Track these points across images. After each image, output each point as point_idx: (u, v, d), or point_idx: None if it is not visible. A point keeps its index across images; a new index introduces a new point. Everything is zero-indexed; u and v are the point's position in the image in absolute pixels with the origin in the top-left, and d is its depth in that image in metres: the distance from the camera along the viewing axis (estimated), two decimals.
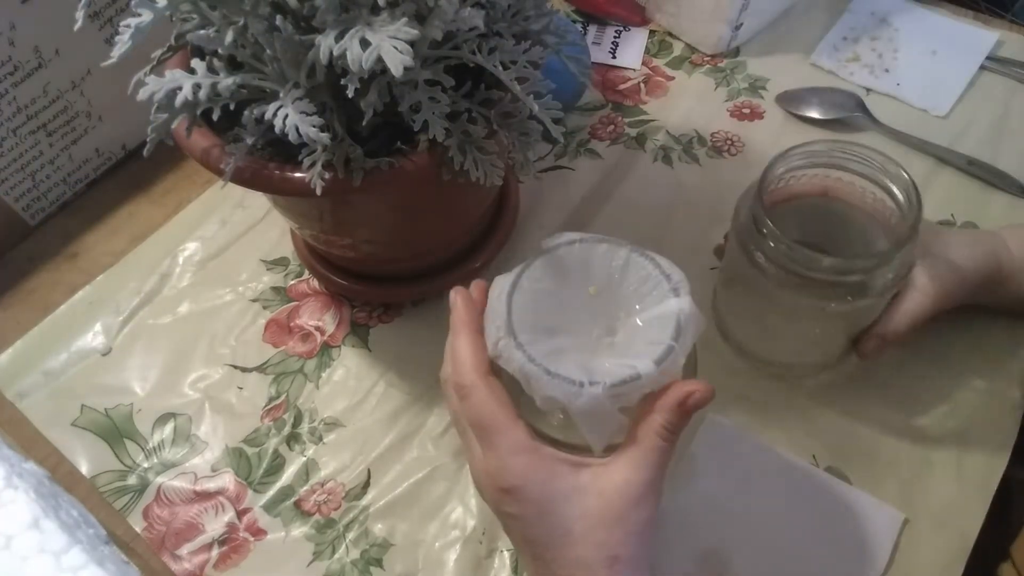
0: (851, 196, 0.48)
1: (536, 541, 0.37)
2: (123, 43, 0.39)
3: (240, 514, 0.51)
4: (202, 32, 0.39)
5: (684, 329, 0.38)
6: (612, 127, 0.67)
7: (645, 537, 0.37)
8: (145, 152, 0.43)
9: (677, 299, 0.39)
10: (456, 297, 0.41)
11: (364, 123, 0.40)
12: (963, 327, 0.54)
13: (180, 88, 0.39)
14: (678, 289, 0.40)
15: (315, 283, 0.60)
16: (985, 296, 0.51)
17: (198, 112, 0.42)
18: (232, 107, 0.41)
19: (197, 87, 0.39)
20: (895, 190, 0.46)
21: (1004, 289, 0.50)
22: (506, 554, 0.48)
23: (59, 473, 0.52)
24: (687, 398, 0.37)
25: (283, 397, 0.55)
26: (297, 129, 0.37)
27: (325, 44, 0.36)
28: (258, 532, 0.50)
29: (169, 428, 0.54)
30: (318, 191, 0.41)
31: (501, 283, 0.41)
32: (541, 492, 0.36)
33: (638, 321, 0.40)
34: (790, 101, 0.68)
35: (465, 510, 0.50)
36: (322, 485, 0.51)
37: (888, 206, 0.46)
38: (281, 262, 0.62)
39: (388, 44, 0.34)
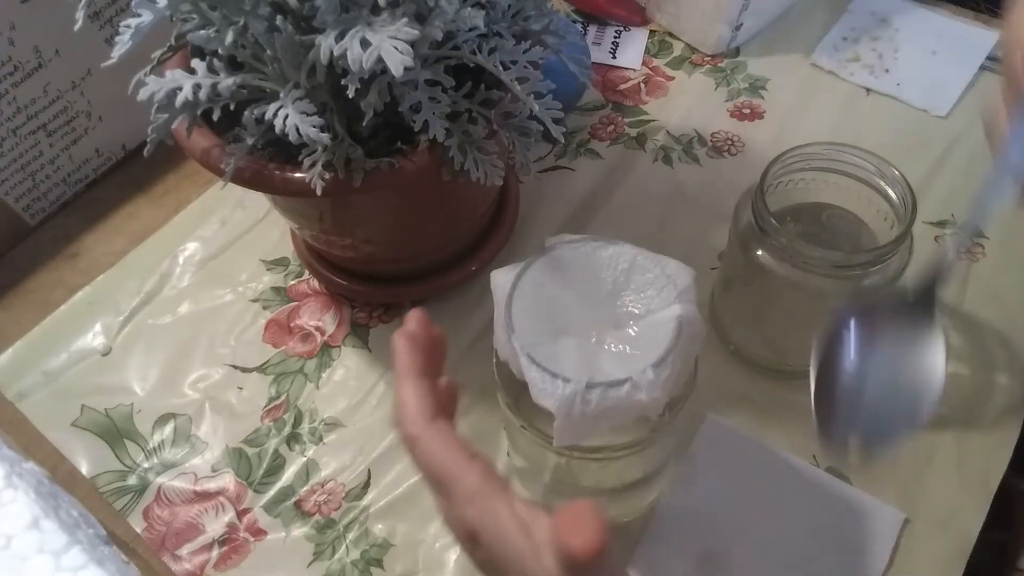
0: (846, 198, 0.48)
1: None
2: (123, 43, 0.39)
3: (240, 514, 0.51)
4: (202, 32, 0.39)
5: (683, 336, 0.38)
6: (612, 127, 0.67)
7: None
8: (145, 152, 0.43)
9: (680, 305, 0.39)
10: (397, 340, 0.36)
11: (364, 123, 0.40)
12: (963, 326, 0.54)
13: (180, 88, 0.39)
14: (682, 295, 0.39)
15: (315, 283, 0.60)
16: None
17: (198, 112, 0.42)
18: (232, 107, 0.41)
19: (197, 87, 0.39)
20: (890, 192, 0.46)
21: None
22: None
23: (59, 473, 0.52)
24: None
25: (283, 397, 0.55)
26: (297, 129, 0.37)
27: (325, 44, 0.36)
28: (258, 532, 0.50)
29: (169, 428, 0.54)
30: (318, 191, 0.41)
31: (500, 280, 0.41)
32: (498, 534, 0.33)
33: (639, 325, 0.40)
34: None
35: None
36: (322, 485, 0.51)
37: (883, 208, 0.47)
38: (281, 262, 0.62)
39: (388, 44, 0.35)
